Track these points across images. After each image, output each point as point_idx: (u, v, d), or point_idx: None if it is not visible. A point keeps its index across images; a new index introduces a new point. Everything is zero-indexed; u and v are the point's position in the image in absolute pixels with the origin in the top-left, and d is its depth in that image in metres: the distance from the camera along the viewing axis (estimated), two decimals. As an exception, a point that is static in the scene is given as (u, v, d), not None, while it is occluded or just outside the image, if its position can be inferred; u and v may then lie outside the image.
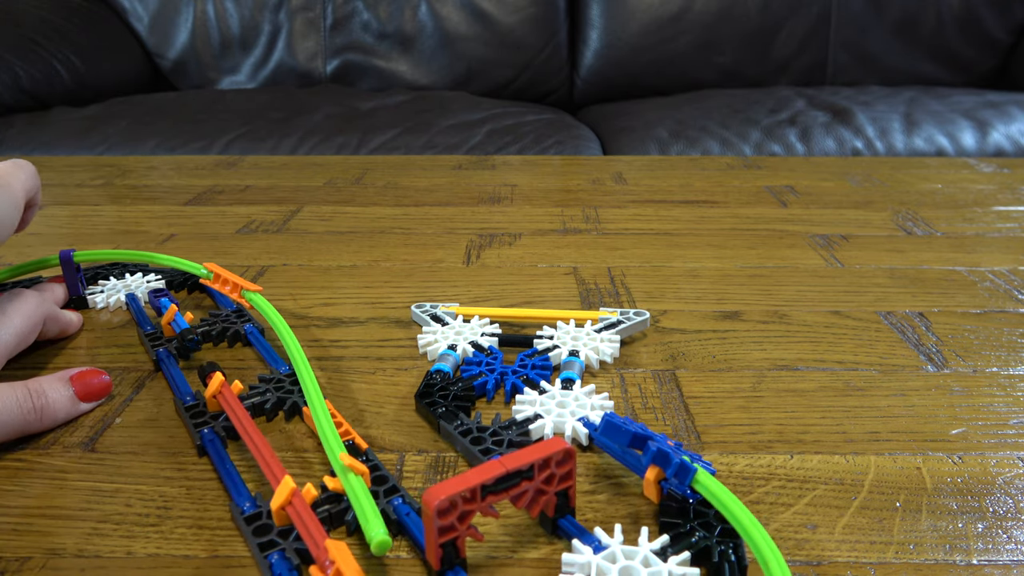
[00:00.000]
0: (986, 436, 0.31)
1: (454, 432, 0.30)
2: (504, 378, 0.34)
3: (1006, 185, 0.68)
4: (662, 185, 0.68)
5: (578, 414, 0.31)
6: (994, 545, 0.25)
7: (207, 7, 1.52)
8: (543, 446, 0.24)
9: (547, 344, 0.37)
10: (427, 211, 0.61)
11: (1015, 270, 0.48)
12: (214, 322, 0.39)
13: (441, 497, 0.22)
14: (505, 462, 0.23)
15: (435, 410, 0.32)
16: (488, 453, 0.29)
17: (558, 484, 0.24)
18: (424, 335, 0.38)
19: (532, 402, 0.32)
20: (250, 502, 0.26)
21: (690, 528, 0.25)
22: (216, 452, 0.29)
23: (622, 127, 1.26)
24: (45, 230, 0.57)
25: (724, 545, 0.24)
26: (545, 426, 0.30)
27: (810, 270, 0.48)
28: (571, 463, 0.24)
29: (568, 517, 0.25)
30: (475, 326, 0.39)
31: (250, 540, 0.25)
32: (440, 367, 0.35)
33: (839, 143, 1.17)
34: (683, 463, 0.25)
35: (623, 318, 0.39)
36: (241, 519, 0.25)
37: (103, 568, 0.24)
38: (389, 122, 1.20)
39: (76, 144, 1.14)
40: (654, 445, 0.26)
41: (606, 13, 1.51)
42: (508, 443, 0.29)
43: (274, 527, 0.25)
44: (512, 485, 0.23)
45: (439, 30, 1.50)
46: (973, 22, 1.51)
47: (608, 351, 0.36)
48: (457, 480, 0.22)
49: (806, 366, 0.36)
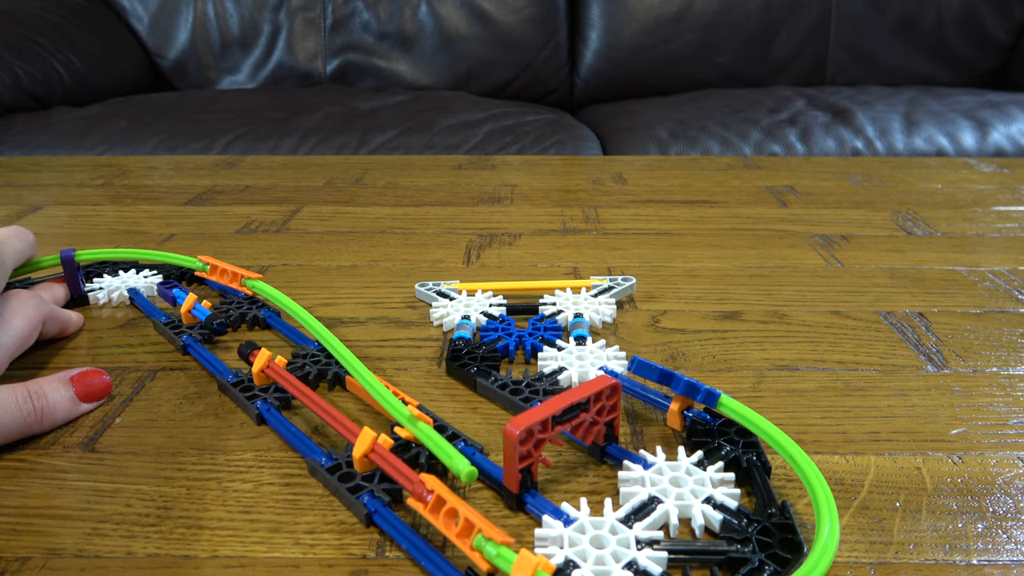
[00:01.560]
0: (986, 436, 0.31)
1: (492, 387, 0.33)
2: (523, 340, 0.37)
3: (1006, 185, 0.68)
4: (662, 185, 0.68)
5: (597, 364, 0.34)
6: (994, 545, 0.25)
7: (207, 7, 1.52)
8: (594, 383, 0.27)
9: (552, 309, 0.40)
10: (427, 211, 0.61)
11: (1015, 270, 0.48)
12: (228, 309, 0.41)
13: (521, 427, 0.25)
14: (567, 396, 0.27)
15: (469, 370, 0.34)
16: (529, 401, 0.32)
17: (608, 415, 0.28)
18: (436, 308, 0.41)
19: (554, 357, 0.35)
20: (325, 456, 0.28)
21: (718, 444, 0.29)
22: (276, 419, 0.31)
23: (622, 127, 1.26)
24: (45, 230, 0.57)
25: (749, 454, 0.28)
26: (572, 376, 0.34)
27: (810, 270, 0.48)
28: (617, 396, 0.28)
29: (614, 444, 0.29)
30: (481, 299, 0.41)
31: (338, 487, 0.27)
32: (461, 335, 0.38)
33: (839, 143, 1.17)
34: (710, 389, 0.29)
35: (612, 284, 0.43)
36: (323, 471, 0.27)
37: (103, 568, 0.24)
38: (389, 122, 1.20)
39: (76, 144, 1.14)
40: (682, 378, 0.30)
41: (606, 13, 1.51)
42: (544, 392, 0.32)
43: (356, 475, 0.27)
44: (573, 416, 0.27)
45: (439, 30, 1.50)
46: (973, 22, 1.51)
47: (608, 312, 0.40)
48: (530, 413, 0.25)
49: (806, 366, 0.36)
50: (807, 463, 0.25)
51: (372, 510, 0.26)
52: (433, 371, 0.36)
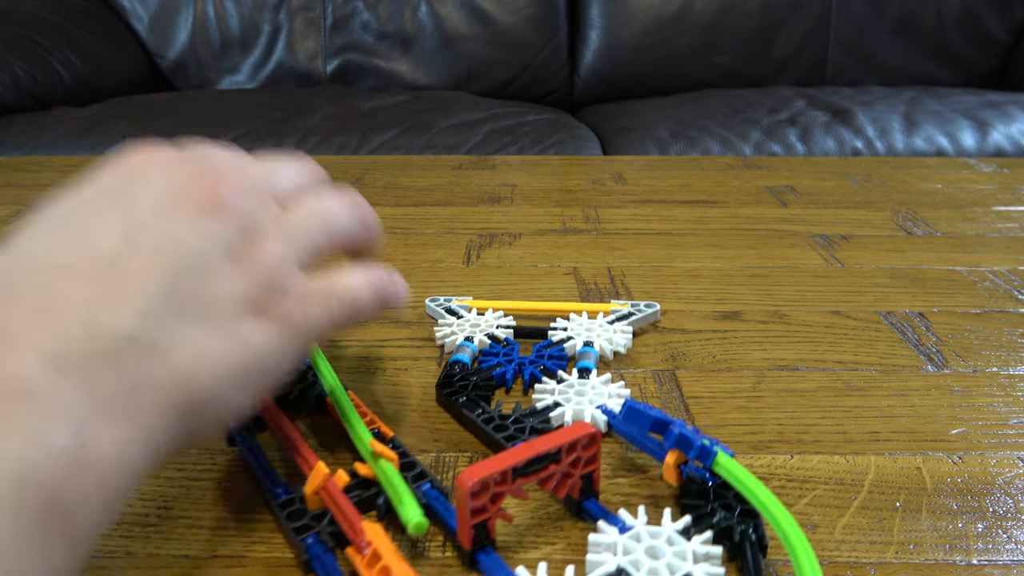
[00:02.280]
0: (986, 436, 0.31)
1: (477, 420, 0.30)
2: (522, 368, 0.35)
3: (1006, 185, 0.68)
4: (662, 185, 0.68)
5: (596, 401, 0.31)
6: (994, 545, 0.25)
7: (207, 7, 1.52)
8: (569, 430, 0.25)
9: (561, 335, 0.38)
10: (427, 211, 0.61)
11: (1015, 270, 0.48)
12: None
13: (474, 479, 0.22)
14: (534, 445, 0.24)
15: (456, 399, 0.32)
16: (512, 440, 0.29)
17: (584, 467, 0.25)
18: (441, 327, 0.39)
19: (551, 391, 0.32)
20: (282, 489, 0.27)
21: (711, 509, 0.25)
22: (244, 442, 0.30)
23: (622, 127, 1.26)
24: (45, 230, 0.57)
25: (745, 524, 0.24)
26: (565, 413, 0.31)
27: (810, 270, 0.48)
28: (596, 446, 0.25)
29: (592, 500, 0.26)
30: (490, 319, 0.39)
31: (285, 524, 0.25)
32: (459, 358, 0.35)
33: (839, 143, 1.17)
34: (704, 446, 0.25)
35: (634, 310, 0.40)
36: (275, 505, 0.26)
37: (103, 568, 0.24)
38: (389, 122, 1.20)
39: (76, 144, 1.14)
40: (676, 429, 0.26)
41: (606, 13, 1.51)
42: (530, 430, 0.30)
43: (307, 512, 0.25)
44: (541, 468, 0.24)
45: (439, 30, 1.50)
46: (973, 22, 1.51)
47: (621, 342, 0.37)
48: (489, 462, 0.23)
49: (806, 366, 0.36)
50: (803, 547, 0.22)
51: (313, 555, 0.24)
52: (432, 371, 0.36)
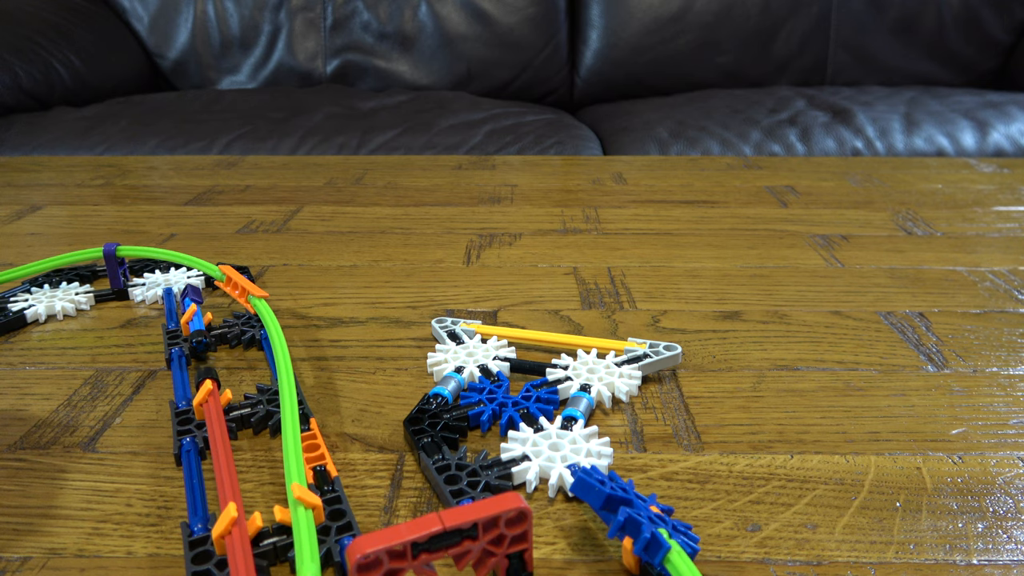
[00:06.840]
0: (986, 436, 0.31)
1: (431, 466, 0.28)
2: (503, 410, 0.31)
3: (1006, 185, 0.68)
4: (662, 185, 0.68)
5: (570, 459, 0.28)
6: (994, 545, 0.25)
7: (207, 7, 1.52)
8: (494, 502, 0.21)
9: (559, 375, 0.34)
10: (427, 211, 0.61)
11: (1015, 270, 0.48)
12: (233, 325, 0.39)
13: (365, 551, 0.19)
14: (444, 518, 0.20)
15: (419, 440, 0.29)
16: (460, 495, 0.26)
17: (509, 546, 0.22)
18: (435, 355, 0.36)
19: (524, 440, 0.29)
20: (203, 523, 0.25)
21: None
22: (188, 464, 0.28)
23: (622, 127, 1.26)
24: (45, 230, 0.57)
25: None
26: (529, 470, 0.28)
27: (810, 270, 0.48)
28: (525, 524, 0.21)
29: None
30: (490, 347, 0.37)
31: (187, 565, 0.23)
32: (439, 391, 0.33)
33: (839, 143, 1.17)
34: (655, 537, 0.21)
35: (651, 352, 0.35)
36: (186, 540, 0.24)
37: (103, 568, 0.24)
38: (389, 122, 1.20)
39: (76, 144, 1.14)
40: (624, 513, 0.22)
41: (606, 13, 1.51)
42: (485, 486, 0.27)
43: (214, 555, 0.24)
44: (452, 544, 0.21)
45: (439, 30, 1.50)
46: (973, 22, 1.51)
47: (624, 388, 0.33)
48: (389, 532, 0.20)
49: (806, 366, 0.36)
50: None
51: None
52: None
